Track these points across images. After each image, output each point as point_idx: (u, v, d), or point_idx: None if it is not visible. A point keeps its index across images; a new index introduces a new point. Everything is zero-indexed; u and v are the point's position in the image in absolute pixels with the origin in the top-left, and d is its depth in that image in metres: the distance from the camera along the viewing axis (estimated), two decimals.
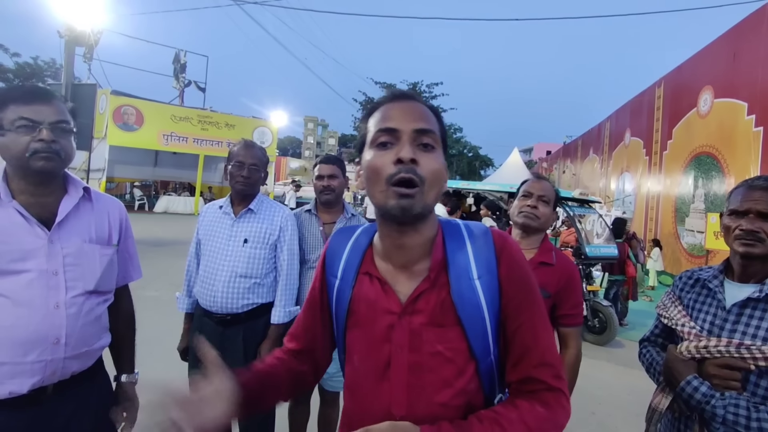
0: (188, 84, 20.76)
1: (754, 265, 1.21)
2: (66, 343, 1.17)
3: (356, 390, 0.86)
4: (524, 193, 1.70)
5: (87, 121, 8.32)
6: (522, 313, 0.81)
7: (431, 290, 0.80)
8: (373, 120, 0.82)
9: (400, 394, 0.79)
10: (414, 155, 0.75)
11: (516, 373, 0.82)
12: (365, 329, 0.83)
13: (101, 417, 1.31)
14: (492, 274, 0.81)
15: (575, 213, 5.84)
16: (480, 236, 0.85)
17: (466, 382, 0.79)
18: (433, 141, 0.79)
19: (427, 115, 0.81)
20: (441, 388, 0.78)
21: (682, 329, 1.27)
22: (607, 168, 15.93)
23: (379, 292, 0.82)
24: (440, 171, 0.78)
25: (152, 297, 5.34)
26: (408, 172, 0.74)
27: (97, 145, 13.53)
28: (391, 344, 0.80)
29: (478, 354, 0.79)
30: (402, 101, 0.82)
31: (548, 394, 0.79)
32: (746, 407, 1.07)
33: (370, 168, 0.78)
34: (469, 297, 0.79)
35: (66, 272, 1.19)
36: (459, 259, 0.81)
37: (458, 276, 0.80)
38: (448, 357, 0.78)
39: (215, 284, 1.89)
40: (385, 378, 0.80)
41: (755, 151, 7.03)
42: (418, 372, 0.79)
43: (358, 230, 0.93)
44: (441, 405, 0.78)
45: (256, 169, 1.97)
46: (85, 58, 14.85)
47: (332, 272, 0.91)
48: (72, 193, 1.26)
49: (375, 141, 0.79)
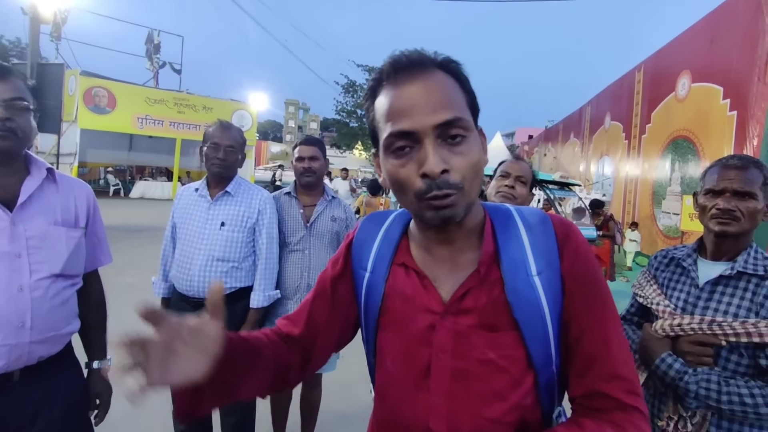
0: (163, 65, 20.09)
1: (727, 243, 1.23)
2: (31, 327, 1.14)
3: (388, 397, 0.75)
4: (502, 173, 1.71)
5: (55, 103, 7.98)
6: (589, 315, 0.69)
7: (481, 287, 0.69)
8: (380, 107, 0.67)
9: (440, 406, 0.68)
10: (443, 164, 0.61)
11: (581, 386, 0.69)
12: (400, 329, 0.73)
13: (73, 403, 1.29)
14: (553, 269, 0.69)
15: (555, 196, 5.92)
16: (537, 224, 0.73)
17: (522, 396, 0.68)
18: (464, 128, 0.64)
19: (447, 94, 0.64)
20: (491, 401, 0.67)
21: (657, 308, 1.29)
22: (587, 152, 16.16)
23: (417, 286, 0.72)
24: (477, 163, 0.65)
25: (128, 284, 5.22)
26: (441, 188, 0.61)
27: (67, 129, 13.02)
28: (432, 348, 0.69)
29: (537, 363, 0.68)
30: (409, 77, 0.64)
31: (620, 414, 0.66)
32: (717, 382, 1.10)
33: (392, 180, 0.66)
34: (527, 296, 0.67)
35: (30, 255, 1.16)
36: (513, 250, 0.70)
37: (513, 271, 0.68)
38: (502, 366, 0.67)
39: (192, 268, 1.85)
40: (424, 387, 0.70)
41: (729, 135, 7.21)
42: (463, 381, 0.68)
43: (390, 217, 0.82)
44: (491, 421, 0.67)
45: (232, 150, 1.91)
46: (52, 37, 14.20)
47: (361, 264, 0.79)
48: (35, 174, 1.21)
49: (389, 146, 0.65)
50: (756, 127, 6.53)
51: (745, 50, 6.90)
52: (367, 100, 0.71)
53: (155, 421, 2.43)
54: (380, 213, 0.85)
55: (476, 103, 0.70)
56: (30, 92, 1.19)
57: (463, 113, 0.65)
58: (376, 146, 0.72)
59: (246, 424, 2.06)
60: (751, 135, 6.60)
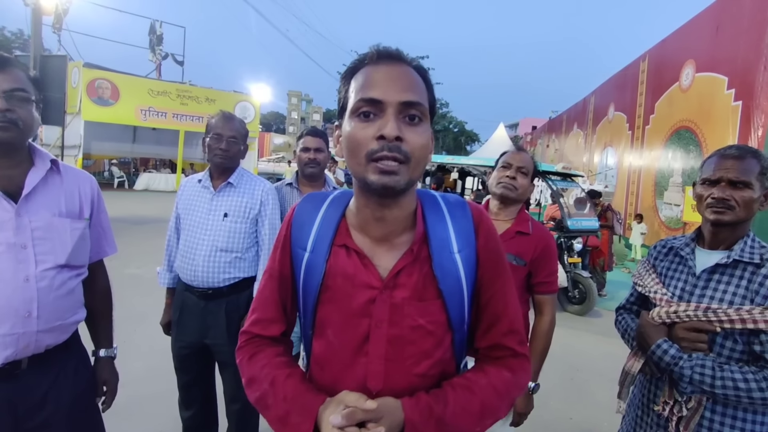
0: (165, 57, 20.01)
1: (723, 232, 1.24)
2: (38, 317, 1.16)
3: (328, 364, 0.83)
4: (503, 164, 1.71)
5: (59, 95, 7.99)
6: (495, 283, 0.84)
7: (413, 264, 0.79)
8: (355, 83, 0.75)
9: (377, 368, 0.78)
10: (399, 132, 0.70)
11: (486, 340, 0.85)
12: (341, 304, 0.81)
13: (80, 390, 1.31)
14: (471, 247, 0.82)
15: (558, 187, 5.91)
16: (458, 208, 0.85)
17: (443, 353, 0.81)
18: (421, 113, 0.74)
19: (415, 84, 0.75)
20: (420, 359, 0.79)
21: (655, 296, 1.31)
22: (590, 142, 16.06)
23: (357, 265, 0.80)
24: (427, 146, 0.75)
25: (134, 275, 5.28)
26: (392, 150, 0.70)
27: (71, 121, 13.05)
28: (371, 319, 0.79)
29: (455, 325, 0.81)
30: (388, 63, 0.75)
31: (513, 360, 0.84)
32: (711, 367, 1.12)
33: (350, 140, 0.73)
34: (450, 270, 0.79)
35: (35, 246, 1.17)
36: (439, 232, 0.81)
37: (440, 249, 0.79)
38: (429, 330, 0.79)
39: (196, 259, 1.87)
40: (362, 352, 0.79)
41: (733, 126, 7.15)
42: (397, 345, 0.79)
43: (327, 199, 0.88)
44: (419, 376, 0.79)
45: (235, 141, 1.92)
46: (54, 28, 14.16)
47: (300, 244, 0.85)
48: (39, 165, 1.22)
49: (356, 110, 0.73)
50: (761, 117, 6.47)
51: (752, 38, 6.81)
52: (344, 77, 0.79)
53: (161, 408, 2.48)
54: (317, 194, 0.91)
55: (435, 106, 0.82)
56: (32, 83, 1.19)
57: (424, 103, 0.75)
58: (341, 116, 0.79)
59: (250, 411, 2.09)
60: (757, 125, 6.54)
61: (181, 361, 1.99)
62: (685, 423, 1.19)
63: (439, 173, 8.94)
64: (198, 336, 1.92)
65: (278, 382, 0.80)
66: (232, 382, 1.99)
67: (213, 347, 1.94)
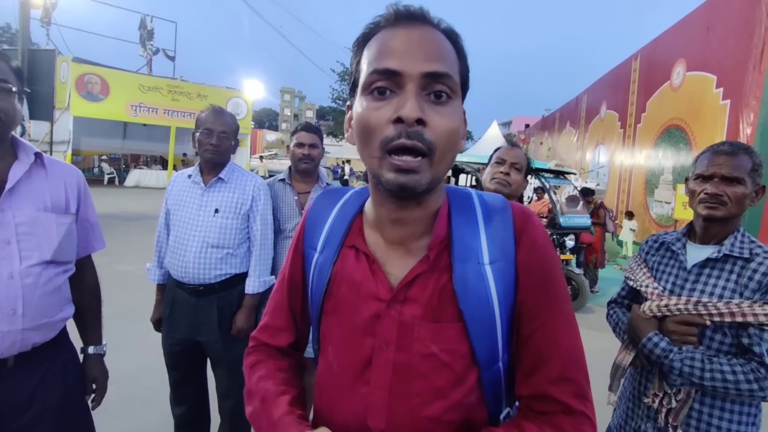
0: (156, 52, 19.80)
1: (715, 227, 1.25)
2: (24, 314, 1.13)
3: (326, 389, 0.71)
4: (497, 160, 1.72)
5: (47, 90, 7.87)
6: (542, 313, 0.64)
7: (429, 274, 0.63)
8: (368, 52, 0.61)
9: (380, 402, 0.63)
10: (421, 113, 0.55)
11: (528, 386, 0.65)
12: (344, 317, 0.68)
13: (69, 388, 1.29)
14: (508, 260, 0.64)
15: (551, 184, 5.94)
16: (497, 211, 0.67)
17: (464, 394, 0.63)
18: (450, 90, 0.59)
19: (443, 50, 0.59)
20: (432, 399, 0.62)
21: (646, 290, 1.32)
22: (583, 141, 16.17)
23: (365, 271, 0.66)
24: (456, 131, 0.59)
25: (125, 271, 5.23)
26: (412, 138, 0.55)
27: (60, 116, 12.87)
28: (375, 339, 0.64)
29: (482, 360, 0.63)
30: (409, 26, 0.59)
31: (565, 419, 0.62)
32: (701, 360, 1.13)
33: (361, 124, 0.59)
34: (475, 286, 0.62)
35: (19, 241, 1.14)
36: (467, 237, 0.64)
37: (464, 258, 0.63)
38: (444, 361, 0.62)
39: (186, 255, 1.85)
40: (363, 380, 0.65)
41: (721, 124, 7.24)
42: (404, 376, 0.63)
43: (347, 194, 0.76)
44: (430, 420, 0.63)
45: (225, 136, 1.90)
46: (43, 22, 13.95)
47: (311, 244, 0.74)
48: (22, 158, 1.19)
49: (369, 85, 0.58)
50: (750, 115, 6.55)
51: (741, 38, 6.89)
52: (356, 46, 0.64)
53: (153, 405, 2.46)
54: (337, 189, 0.79)
55: (468, 80, 0.65)
56: (14, 74, 1.15)
57: (454, 75, 0.60)
58: (352, 95, 0.65)
59: (243, 407, 2.08)
60: (745, 124, 6.62)
61: (173, 358, 1.97)
62: (674, 415, 1.21)
63: None
64: (189, 333, 1.90)
65: (268, 401, 0.70)
66: (225, 379, 1.97)
67: (205, 344, 1.92)
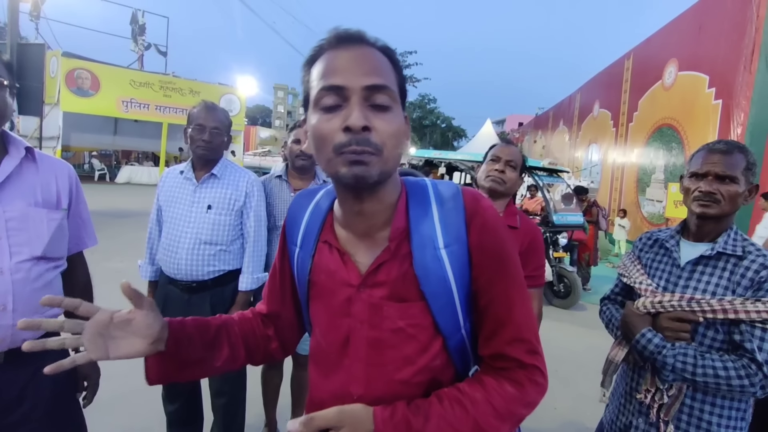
0: (148, 47, 19.58)
1: (708, 225, 1.26)
2: (13, 310, 1.12)
3: (320, 363, 0.81)
4: (492, 157, 1.71)
5: (36, 84, 7.75)
6: (495, 286, 0.73)
7: (392, 261, 0.72)
8: (316, 71, 0.69)
9: (358, 372, 0.74)
10: (366, 121, 0.64)
11: (488, 348, 0.75)
12: (325, 302, 0.78)
13: (60, 385, 1.28)
14: (461, 243, 0.72)
15: (544, 182, 5.97)
16: (449, 199, 0.75)
17: (430, 359, 0.73)
18: (389, 99, 0.67)
19: (379, 65, 0.68)
20: (402, 365, 0.73)
21: (640, 286, 1.33)
22: (575, 139, 16.27)
23: (338, 262, 0.76)
24: (399, 132, 0.68)
25: (116, 269, 5.18)
26: (360, 144, 0.63)
27: (49, 112, 12.69)
28: (351, 319, 0.74)
29: (444, 330, 0.73)
30: (349, 46, 0.68)
31: (520, 372, 0.73)
32: (693, 356, 1.14)
33: (315, 134, 0.67)
34: (433, 269, 0.71)
35: (9, 237, 1.13)
36: (423, 226, 0.73)
37: (422, 246, 0.72)
38: (410, 333, 0.72)
39: (179, 251, 1.84)
40: (345, 354, 0.76)
41: (713, 124, 7.31)
42: (378, 349, 0.73)
43: (319, 193, 0.85)
44: (401, 383, 0.73)
45: (218, 132, 1.88)
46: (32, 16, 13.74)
47: (292, 240, 0.84)
48: (13, 153, 1.17)
49: (319, 102, 0.67)
50: (740, 115, 6.62)
51: (732, 39, 6.95)
52: (304, 66, 0.73)
53: (145, 403, 2.44)
54: (311, 189, 0.88)
55: (405, 88, 0.74)
56: (5, 68, 1.13)
57: (392, 86, 0.68)
58: (306, 109, 0.73)
59: (236, 405, 2.08)
60: (736, 123, 6.69)
61: None
62: (666, 410, 1.22)
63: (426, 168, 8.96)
64: None
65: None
66: (217, 376, 1.96)
67: None
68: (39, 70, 8.00)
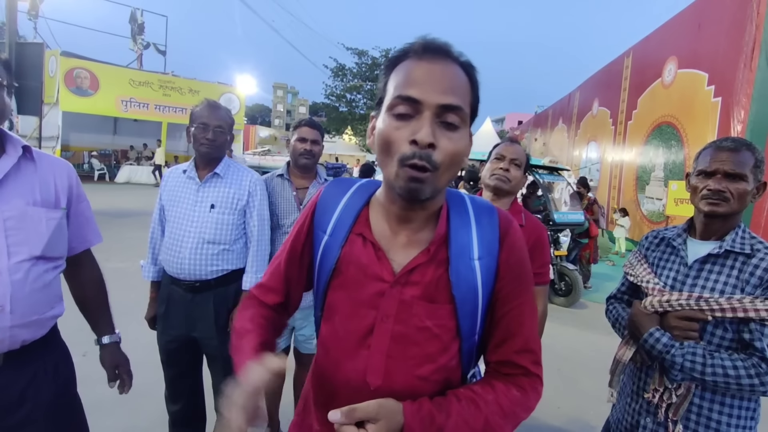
0: (147, 46, 19.50)
1: (716, 223, 1.25)
2: (12, 311, 1.10)
3: (332, 350, 0.83)
4: (497, 156, 1.71)
5: (35, 84, 7.72)
6: (513, 299, 0.80)
7: (428, 264, 0.77)
8: (395, 77, 0.73)
9: (378, 363, 0.77)
10: (433, 138, 0.67)
11: (497, 354, 0.82)
12: (351, 292, 0.80)
13: (61, 387, 1.27)
14: (492, 257, 0.79)
15: (545, 180, 5.96)
16: (485, 215, 0.82)
17: (448, 359, 0.78)
18: (460, 119, 0.71)
19: (458, 85, 0.72)
20: (423, 362, 0.77)
21: (647, 285, 1.32)
22: (574, 137, 16.25)
23: (371, 256, 0.79)
24: (460, 153, 0.72)
25: (117, 269, 5.16)
26: (422, 159, 0.67)
27: (48, 111, 12.64)
28: (377, 312, 0.77)
29: (464, 333, 0.78)
30: (432, 59, 0.71)
31: (525, 379, 0.80)
32: (702, 355, 1.14)
33: (382, 138, 0.72)
34: (466, 277, 0.77)
35: (8, 236, 1.11)
36: (462, 236, 0.79)
37: (459, 254, 0.77)
38: (435, 333, 0.77)
39: (182, 251, 1.83)
40: (365, 345, 0.78)
41: (713, 122, 7.29)
42: (402, 344, 0.77)
43: (353, 186, 0.88)
44: (420, 379, 0.77)
45: (221, 131, 1.87)
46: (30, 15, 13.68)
47: (321, 227, 0.86)
48: (10, 152, 1.15)
49: (392, 107, 0.71)
50: (741, 113, 6.61)
51: (732, 37, 6.93)
52: (386, 67, 0.76)
53: (148, 402, 2.43)
54: (345, 180, 0.91)
55: (477, 107, 0.77)
56: (3, 67, 1.12)
57: (465, 107, 0.72)
58: (378, 107, 0.77)
59: None
60: (736, 121, 6.68)
61: (168, 355, 1.95)
62: (674, 409, 1.21)
63: None
64: (185, 329, 1.88)
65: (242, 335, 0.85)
66: (220, 375, 1.95)
67: (201, 341, 1.90)
68: (38, 69, 7.95)
